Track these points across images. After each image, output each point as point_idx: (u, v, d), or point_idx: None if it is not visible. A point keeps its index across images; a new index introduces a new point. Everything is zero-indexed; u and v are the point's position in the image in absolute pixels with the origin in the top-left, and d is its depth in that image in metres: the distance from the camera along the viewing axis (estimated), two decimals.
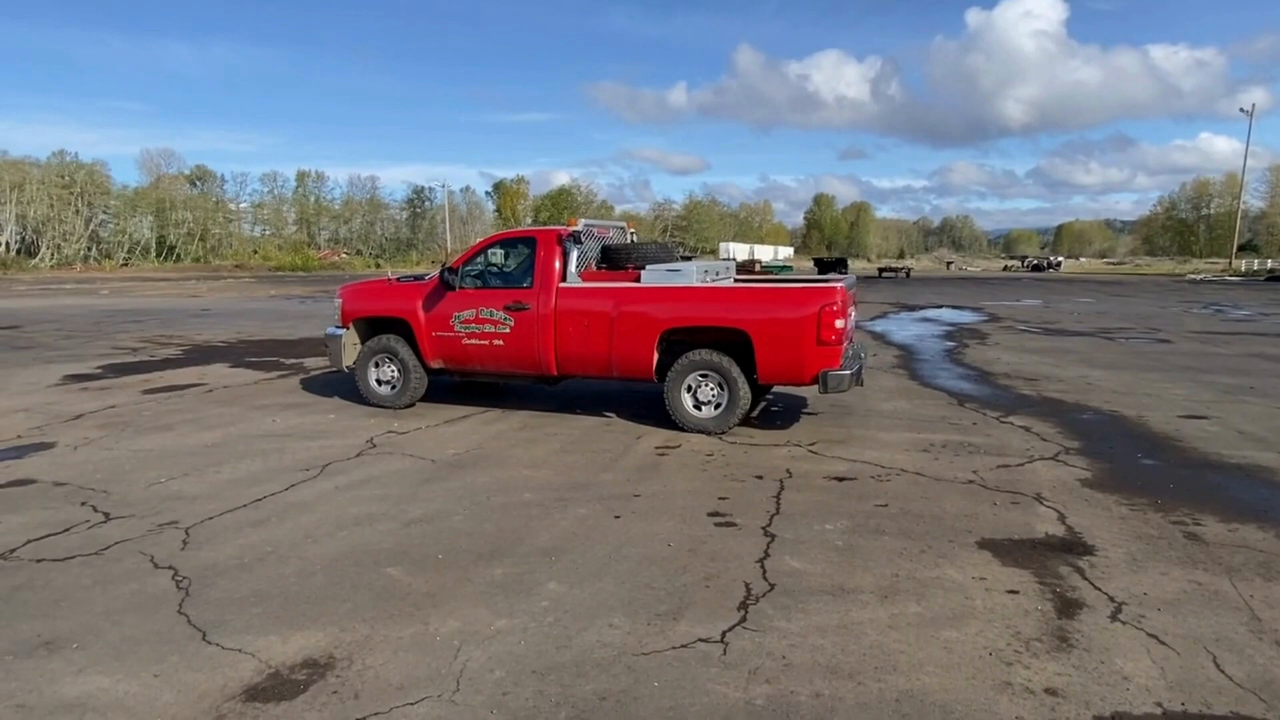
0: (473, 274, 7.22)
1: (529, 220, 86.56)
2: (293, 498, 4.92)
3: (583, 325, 6.74)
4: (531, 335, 6.90)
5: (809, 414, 7.38)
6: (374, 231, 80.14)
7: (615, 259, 7.30)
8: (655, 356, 6.61)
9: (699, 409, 6.58)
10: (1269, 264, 57.21)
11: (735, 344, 6.42)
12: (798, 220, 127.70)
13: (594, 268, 7.35)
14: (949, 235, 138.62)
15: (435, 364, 7.43)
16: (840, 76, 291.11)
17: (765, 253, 70.97)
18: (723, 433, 6.49)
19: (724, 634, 3.14)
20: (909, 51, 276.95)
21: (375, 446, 6.20)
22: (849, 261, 55.81)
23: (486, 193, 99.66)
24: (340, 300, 7.86)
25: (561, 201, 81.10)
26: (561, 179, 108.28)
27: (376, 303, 7.75)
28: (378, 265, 66.23)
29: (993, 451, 5.99)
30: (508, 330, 6.99)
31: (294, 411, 7.55)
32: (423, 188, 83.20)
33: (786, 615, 3.31)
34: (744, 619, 3.28)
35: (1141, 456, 5.89)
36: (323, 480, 5.29)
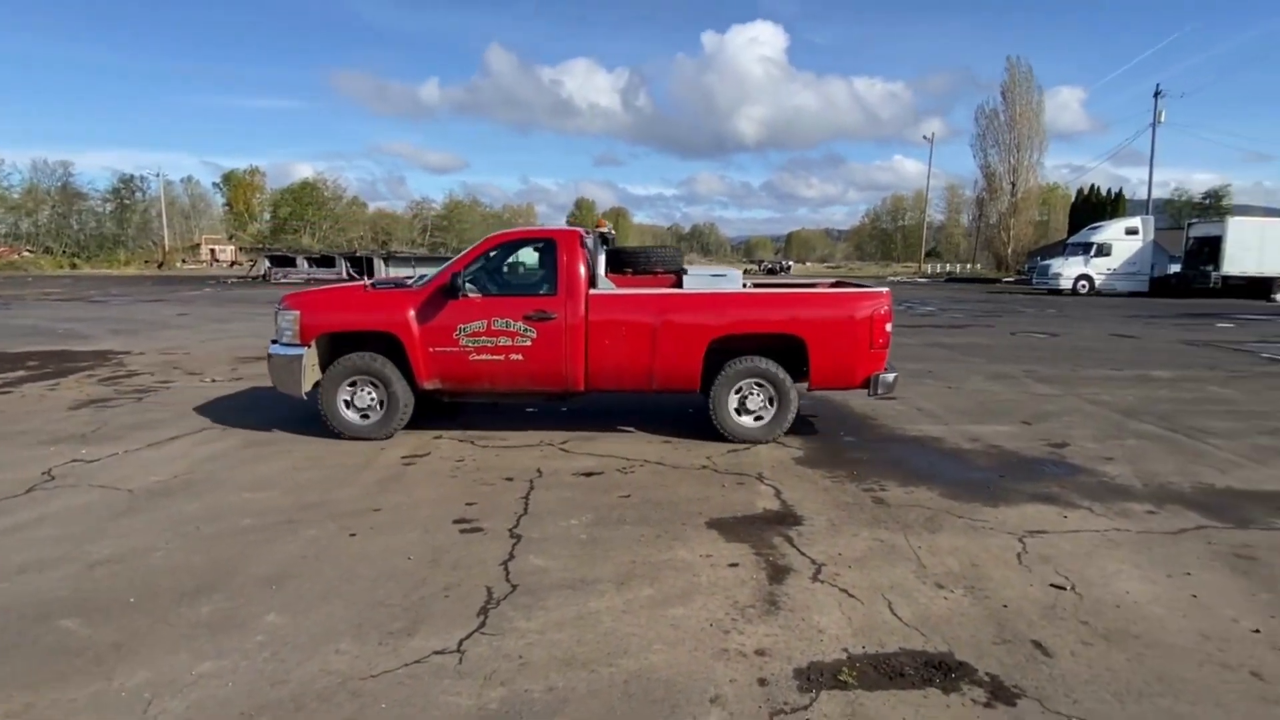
0: (478, 280, 6.30)
1: (267, 216, 78.52)
2: None
3: (620, 335, 6.19)
4: (558, 348, 6.18)
5: (566, 412, 7.50)
6: (69, 226, 67.66)
7: (632, 263, 7.03)
8: (702, 366, 6.26)
9: (747, 418, 6.35)
10: (948, 268, 69.14)
11: (783, 350, 6.28)
12: (561, 223, 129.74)
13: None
14: (698, 241, 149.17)
15: (430, 384, 6.33)
16: (592, 84, 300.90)
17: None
18: (769, 441, 6.31)
19: (461, 643, 3.07)
20: (654, 66, 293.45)
21: (54, 479, 5.23)
22: None
23: (215, 184, 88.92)
24: (296, 312, 6.33)
25: (305, 196, 74.37)
26: (304, 172, 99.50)
27: (353, 314, 6.51)
28: (74, 266, 56.19)
29: (724, 438, 6.51)
30: (528, 343, 6.17)
31: None
32: (132, 176, 71.58)
33: (527, 614, 3.32)
34: (483, 624, 3.23)
35: (844, 434, 6.76)
36: None
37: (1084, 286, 31.89)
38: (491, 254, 6.50)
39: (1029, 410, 7.80)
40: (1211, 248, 30.23)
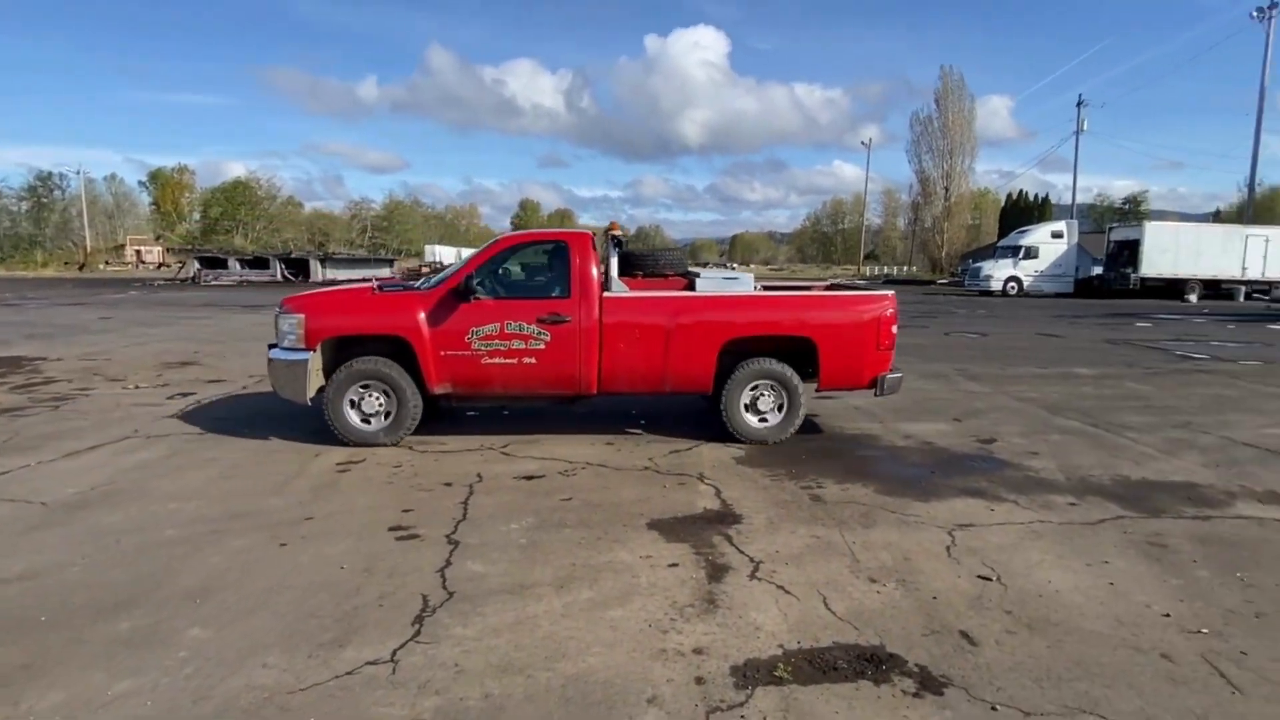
0: (490, 282, 6.20)
1: (197, 216, 75.65)
2: None
3: (634, 338, 6.19)
4: (571, 351, 6.15)
5: (508, 416, 7.42)
6: None
7: (641, 265, 7.06)
8: (715, 368, 6.27)
9: (758, 419, 6.41)
10: (885, 270, 70.97)
11: (794, 351, 6.36)
12: (505, 224, 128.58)
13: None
14: (644, 243, 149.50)
15: (440, 389, 6.20)
16: (535, 85, 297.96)
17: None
18: (779, 442, 6.35)
19: (395, 652, 3.00)
20: (598, 68, 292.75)
21: None
22: None
23: (141, 183, 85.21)
24: (301, 315, 6.10)
25: (237, 195, 71.90)
26: (236, 170, 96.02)
27: (362, 317, 6.27)
28: None
29: (666, 439, 6.55)
30: (541, 346, 6.11)
31: None
32: (50, 174, 68.30)
33: (464, 621, 3.27)
34: (418, 633, 3.17)
35: None
36: None
37: (1013, 288, 33.15)
38: (503, 256, 6.44)
39: (960, 408, 8.06)
40: (1131, 251, 31.74)
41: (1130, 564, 3.96)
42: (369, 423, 6.19)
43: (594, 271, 6.23)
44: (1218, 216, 62.59)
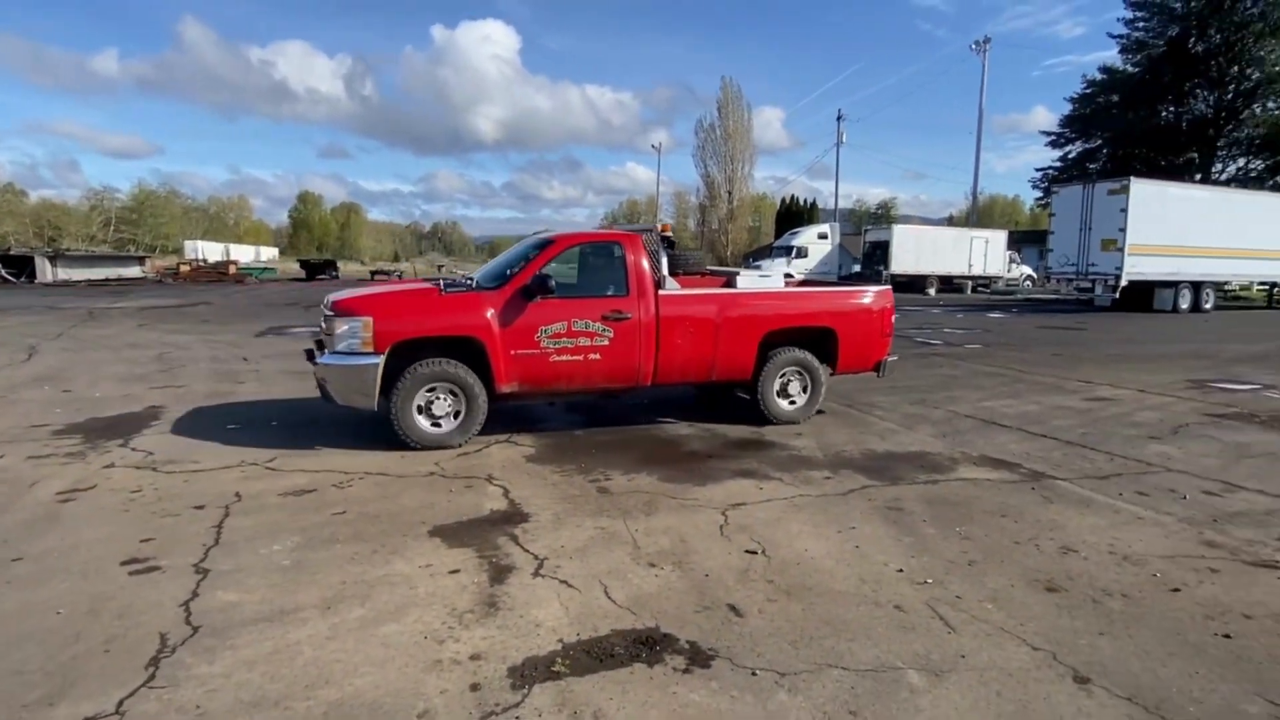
0: (549, 283, 6.19)
1: None
2: None
3: (687, 332, 6.64)
4: (632, 346, 6.46)
5: (277, 426, 6.79)
6: None
7: (675, 265, 7.32)
8: (756, 357, 6.86)
9: (787, 401, 7.14)
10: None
11: (816, 340, 7.14)
12: (282, 218, 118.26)
13: None
14: (440, 239, 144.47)
15: (508, 387, 6.24)
16: (311, 70, 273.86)
17: (244, 253, 63.75)
18: (804, 420, 7.17)
19: (121, 703, 2.62)
20: (381, 57, 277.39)
21: None
22: (339, 264, 53.77)
23: None
24: (368, 318, 5.83)
25: None
26: None
27: (436, 319, 6.10)
28: None
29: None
30: (606, 342, 6.36)
31: None
32: None
33: (210, 658, 2.93)
34: (152, 677, 2.79)
35: (575, 429, 6.94)
36: None
37: None
38: (564, 257, 6.64)
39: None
40: (883, 251, 35.85)
41: (873, 528, 4.45)
42: (439, 425, 6.11)
43: (648, 269, 6.56)
44: (951, 221, 72.70)
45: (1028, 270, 42.08)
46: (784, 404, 7.15)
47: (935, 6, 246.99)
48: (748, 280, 7.39)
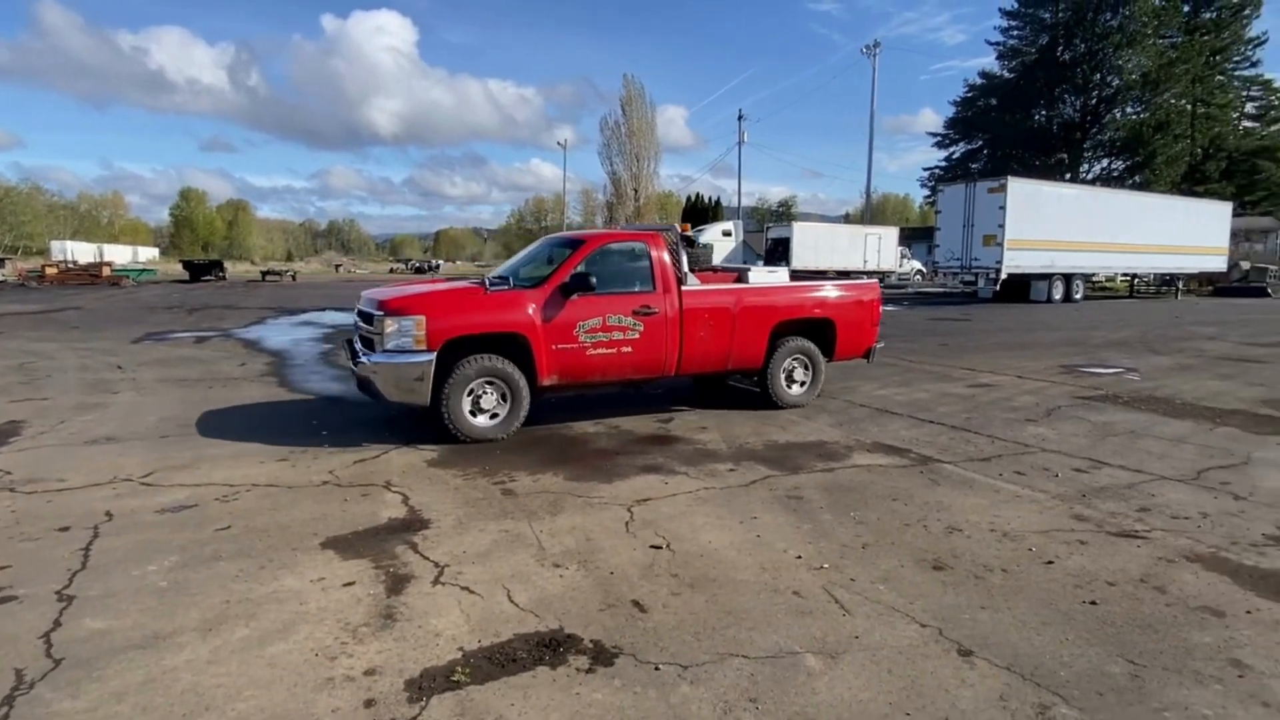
0: (589, 280, 6.48)
1: None
2: None
3: (708, 324, 7.06)
4: (660, 338, 6.86)
5: (154, 438, 6.34)
6: None
7: (692, 261, 7.54)
8: (766, 347, 7.40)
9: (794, 387, 7.74)
10: None
11: (816, 330, 7.72)
12: (163, 217, 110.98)
13: None
14: (337, 238, 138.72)
15: (549, 381, 6.54)
16: (190, 58, 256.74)
17: (121, 254, 59.42)
18: (805, 405, 7.75)
19: None
20: (267, 46, 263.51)
21: None
22: (227, 265, 50.84)
23: None
24: (421, 316, 6.06)
25: None
26: None
27: (485, 316, 6.34)
28: None
29: (352, 447, 6.12)
30: (637, 336, 6.75)
31: None
32: None
33: (73, 692, 2.70)
34: (5, 717, 2.55)
35: None
36: None
37: None
38: (596, 255, 6.85)
39: (643, 392, 8.66)
40: (784, 247, 36.91)
41: (774, 516, 4.56)
42: (495, 418, 6.38)
43: (672, 266, 6.95)
44: (847, 218, 75.70)
45: (918, 265, 44.29)
46: (793, 389, 7.76)
47: (829, 11, 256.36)
48: (758, 275, 8.09)
